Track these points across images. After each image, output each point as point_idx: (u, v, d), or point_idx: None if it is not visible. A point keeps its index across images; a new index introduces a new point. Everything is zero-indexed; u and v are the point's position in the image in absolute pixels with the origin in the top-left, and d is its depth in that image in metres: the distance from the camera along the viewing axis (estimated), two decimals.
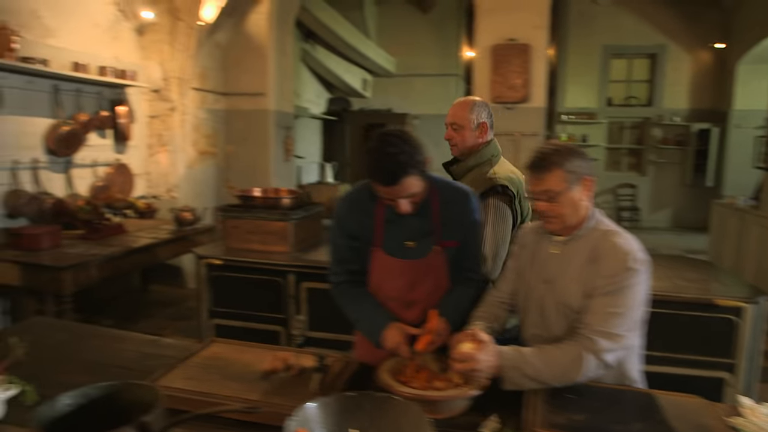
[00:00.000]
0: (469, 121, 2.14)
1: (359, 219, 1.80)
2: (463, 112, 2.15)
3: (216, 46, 5.89)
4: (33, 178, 4.23)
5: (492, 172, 2.09)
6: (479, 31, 5.41)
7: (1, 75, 3.86)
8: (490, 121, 2.19)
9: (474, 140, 2.17)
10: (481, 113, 2.16)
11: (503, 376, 1.45)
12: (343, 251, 1.86)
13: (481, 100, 2.21)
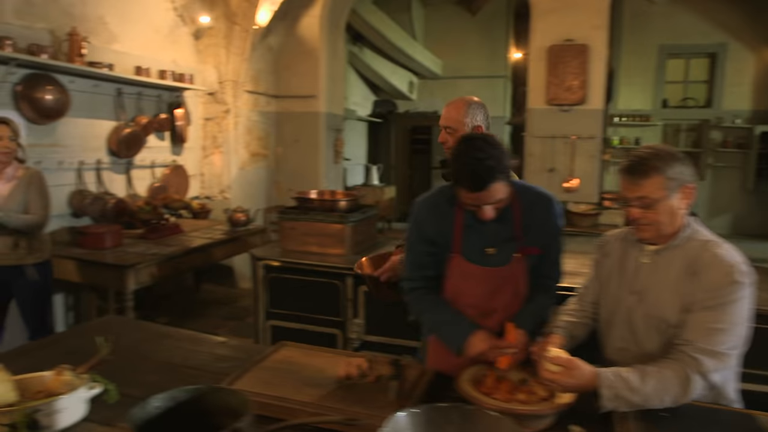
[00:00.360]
0: (463, 124, 2.04)
1: (437, 224, 1.75)
2: (458, 115, 2.05)
3: (268, 49, 5.97)
4: (96, 178, 4.37)
5: None
6: (535, 31, 5.29)
7: (69, 79, 4.00)
8: (486, 123, 2.10)
9: None
10: (476, 115, 2.06)
11: (601, 398, 1.36)
12: (422, 257, 1.81)
13: (477, 101, 2.11)
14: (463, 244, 1.73)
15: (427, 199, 1.82)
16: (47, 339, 2.07)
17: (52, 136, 4.00)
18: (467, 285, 1.72)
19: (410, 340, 3.12)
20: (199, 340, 2.03)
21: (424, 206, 1.80)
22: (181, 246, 4.12)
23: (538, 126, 5.34)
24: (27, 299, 3.20)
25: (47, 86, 3.80)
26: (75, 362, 1.54)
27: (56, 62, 3.69)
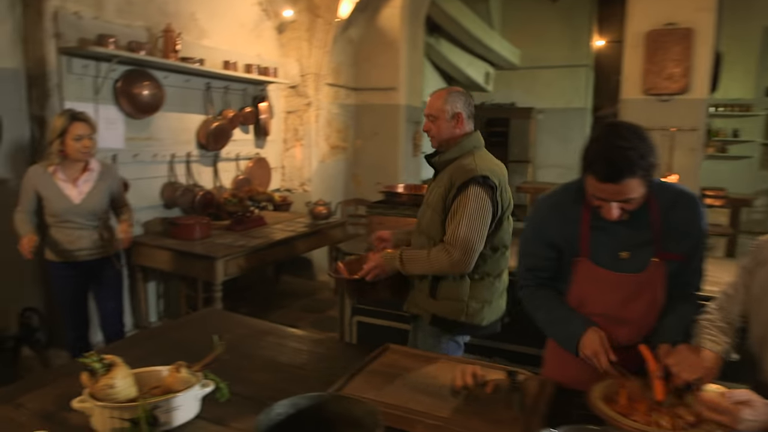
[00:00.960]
0: (443, 111, 2.06)
1: (561, 225, 1.61)
2: (437, 102, 2.08)
3: (349, 41, 5.94)
4: (186, 170, 4.49)
5: (472, 162, 2.01)
6: (632, 15, 4.93)
7: (164, 75, 4.13)
8: (467, 111, 2.10)
9: (450, 131, 2.08)
10: (456, 103, 2.07)
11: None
12: (538, 260, 1.68)
13: (458, 90, 2.14)
14: (591, 247, 1.57)
15: (549, 198, 1.68)
16: (154, 329, 2.10)
17: (148, 130, 4.14)
18: (596, 291, 1.57)
19: (500, 341, 2.99)
20: (301, 339, 1.99)
21: (546, 206, 1.67)
22: (266, 238, 4.17)
23: (632, 117, 4.92)
24: (111, 290, 3.18)
25: (144, 82, 3.93)
26: (182, 355, 1.53)
27: (153, 58, 3.80)
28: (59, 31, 3.43)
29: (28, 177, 2.90)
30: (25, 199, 2.90)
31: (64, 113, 2.85)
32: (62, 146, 2.81)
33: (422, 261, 2.04)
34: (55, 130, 2.81)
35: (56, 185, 2.88)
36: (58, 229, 2.94)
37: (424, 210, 2.16)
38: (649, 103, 4.92)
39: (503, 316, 2.28)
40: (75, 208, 2.91)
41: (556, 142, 9.91)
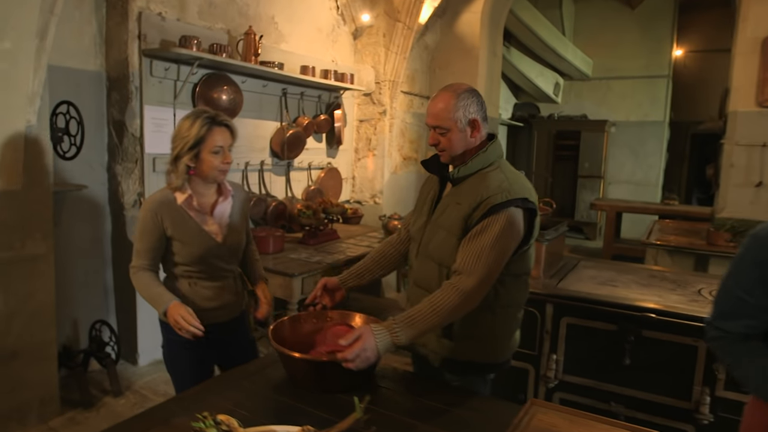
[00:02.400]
0: (455, 121, 1.67)
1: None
2: (446, 111, 1.67)
3: (424, 48, 5.67)
4: (259, 179, 4.30)
5: (503, 178, 1.67)
6: (745, 20, 4.45)
7: (242, 79, 3.94)
8: (482, 113, 1.71)
9: (465, 142, 1.71)
10: (469, 107, 1.68)
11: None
12: (749, 308, 1.31)
13: (466, 89, 1.71)
14: None
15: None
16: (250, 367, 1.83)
17: None
18: None
19: (618, 385, 2.61)
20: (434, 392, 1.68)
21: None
22: (343, 254, 3.90)
23: (743, 132, 4.49)
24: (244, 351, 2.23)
25: (224, 86, 3.76)
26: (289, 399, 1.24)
27: (235, 61, 3.62)
28: (143, 33, 3.29)
29: (152, 212, 1.91)
30: (149, 246, 1.93)
31: (197, 115, 1.92)
32: (194, 162, 1.90)
33: (427, 316, 1.55)
34: (187, 140, 1.87)
35: (192, 220, 1.95)
36: (191, 281, 2.00)
37: (434, 230, 1.75)
38: (764, 117, 4.40)
39: None
40: (217, 248, 1.99)
41: (629, 156, 9.33)
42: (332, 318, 1.94)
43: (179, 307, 1.81)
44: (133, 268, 1.95)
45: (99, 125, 3.38)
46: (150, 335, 3.59)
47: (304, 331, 1.88)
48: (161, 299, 1.86)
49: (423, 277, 1.80)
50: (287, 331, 1.79)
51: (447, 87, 1.75)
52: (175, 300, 1.85)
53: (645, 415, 2.57)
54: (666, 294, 2.78)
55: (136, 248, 1.95)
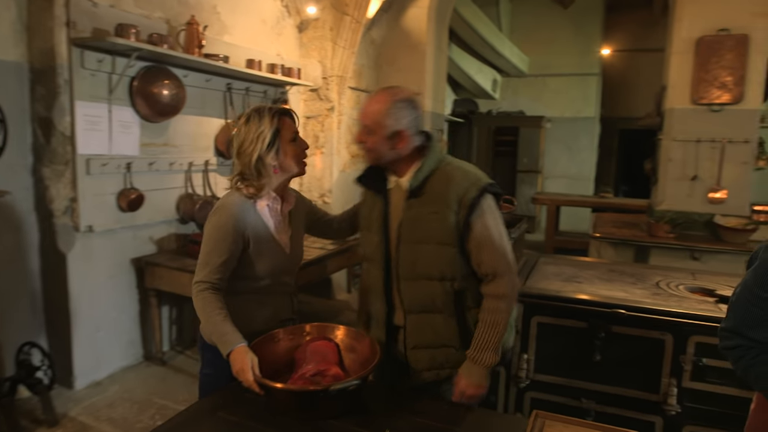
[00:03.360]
0: (382, 126, 1.61)
1: None
2: (378, 114, 1.61)
3: (371, 42, 5.54)
4: (204, 180, 4.03)
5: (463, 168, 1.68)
6: (680, 20, 4.65)
7: (184, 73, 3.66)
8: (414, 127, 1.63)
9: (390, 151, 1.64)
10: (402, 119, 1.60)
11: None
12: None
13: (406, 99, 1.64)
14: None
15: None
16: (224, 393, 1.65)
17: (165, 135, 3.67)
18: None
19: (589, 381, 2.63)
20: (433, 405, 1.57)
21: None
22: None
23: (680, 128, 4.70)
24: None
25: (165, 80, 3.46)
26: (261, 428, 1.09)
27: (177, 53, 3.34)
28: (71, 19, 2.96)
29: (236, 218, 1.66)
30: (225, 258, 1.65)
31: (260, 112, 1.70)
32: (276, 159, 1.69)
33: (491, 335, 1.62)
34: (263, 137, 1.66)
35: (268, 229, 1.73)
36: (249, 298, 1.77)
37: (414, 248, 1.64)
38: (699, 113, 4.63)
39: None
40: (286, 261, 1.79)
41: (564, 151, 9.66)
42: (310, 333, 1.79)
43: (246, 355, 1.53)
44: (200, 284, 1.65)
45: (21, 123, 3.01)
46: (87, 354, 3.27)
47: (280, 350, 1.72)
48: (227, 339, 1.57)
49: (421, 300, 1.68)
50: (263, 353, 1.62)
51: (387, 89, 1.68)
52: (243, 344, 1.56)
53: (615, 410, 2.59)
54: (629, 288, 2.82)
55: (205, 260, 1.66)
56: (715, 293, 2.69)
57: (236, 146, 1.71)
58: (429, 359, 1.70)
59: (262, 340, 1.68)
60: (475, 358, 1.62)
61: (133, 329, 3.59)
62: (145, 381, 3.35)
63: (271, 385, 1.44)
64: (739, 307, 1.35)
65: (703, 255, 4.52)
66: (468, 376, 1.64)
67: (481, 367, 1.63)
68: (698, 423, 2.42)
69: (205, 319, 1.64)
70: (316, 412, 1.46)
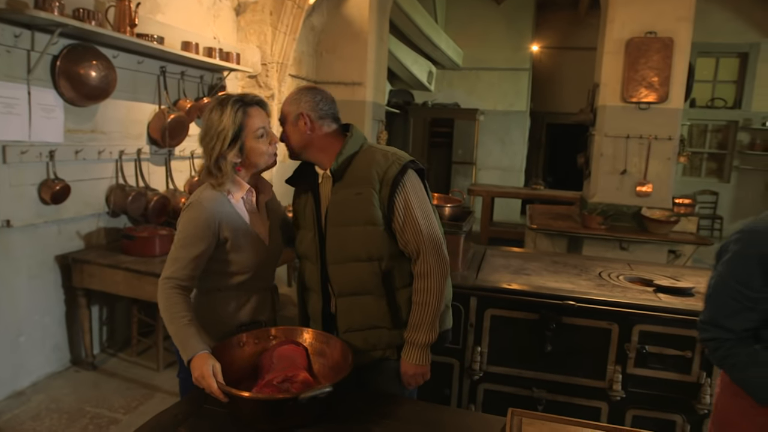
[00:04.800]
0: (287, 113, 1.70)
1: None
2: (287, 103, 1.71)
3: (311, 29, 5.39)
4: (136, 171, 3.75)
5: (383, 150, 1.70)
6: (612, 22, 4.86)
7: (113, 53, 3.37)
8: (317, 111, 1.67)
9: (297, 138, 1.69)
10: (301, 102, 1.68)
11: None
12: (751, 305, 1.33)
13: (311, 87, 1.75)
14: None
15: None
16: (182, 407, 1.53)
17: (92, 120, 3.37)
18: None
19: (540, 371, 2.70)
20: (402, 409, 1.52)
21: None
22: None
23: (611, 124, 4.93)
24: None
25: (92, 61, 3.17)
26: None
27: (108, 32, 3.06)
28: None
29: (210, 213, 1.58)
30: (195, 254, 1.56)
31: (222, 102, 1.61)
32: (240, 156, 1.61)
33: (424, 314, 1.62)
34: (223, 134, 1.57)
35: (244, 221, 1.66)
36: (228, 295, 1.71)
37: (341, 232, 1.64)
38: (628, 111, 4.88)
39: None
40: (266, 254, 1.71)
41: (497, 144, 9.93)
42: (276, 336, 1.69)
43: (207, 361, 1.42)
44: (167, 281, 1.55)
45: None
46: (7, 361, 2.97)
47: (245, 355, 1.62)
48: (189, 344, 1.47)
49: (350, 282, 1.67)
50: (226, 359, 1.51)
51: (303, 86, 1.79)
52: (205, 351, 1.45)
53: (564, 398, 2.68)
54: (575, 280, 2.91)
55: (175, 255, 1.56)
56: (653, 283, 2.84)
57: (200, 138, 1.63)
58: (362, 341, 1.69)
59: (224, 345, 1.57)
60: (411, 340, 1.64)
61: (58, 332, 3.29)
62: (74, 388, 3.08)
63: (236, 393, 1.34)
64: (715, 299, 1.40)
65: (631, 245, 4.79)
66: (408, 358, 1.65)
67: (418, 347, 1.64)
68: (641, 407, 2.55)
69: (168, 320, 1.53)
70: (285, 422, 1.38)
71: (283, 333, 1.69)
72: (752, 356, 1.33)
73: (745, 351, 1.35)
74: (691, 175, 9.37)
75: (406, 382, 1.69)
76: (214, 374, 1.40)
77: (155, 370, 3.40)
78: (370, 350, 1.70)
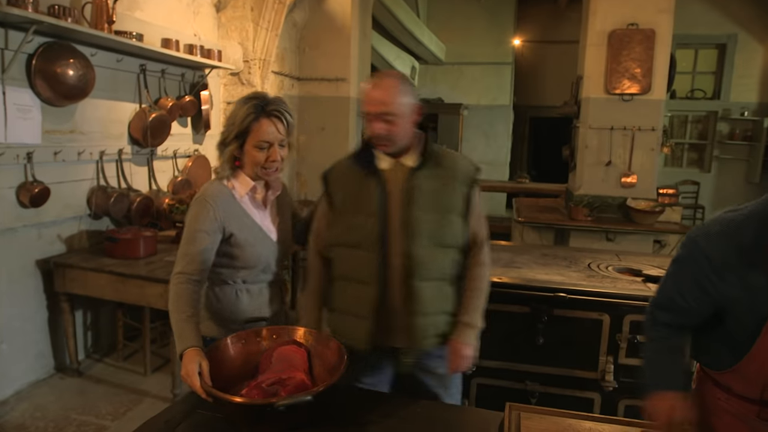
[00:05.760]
0: (404, 106, 1.66)
1: (746, 276, 1.21)
2: (395, 96, 1.64)
3: (293, 25, 5.32)
4: (118, 171, 3.67)
5: (455, 151, 1.93)
6: (594, 14, 4.88)
7: (91, 51, 3.29)
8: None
9: (410, 128, 1.72)
10: (412, 92, 1.72)
11: None
12: (681, 311, 1.36)
13: (403, 75, 1.78)
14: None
15: (722, 238, 1.24)
16: (172, 413, 1.49)
17: (71, 121, 3.29)
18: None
19: (532, 364, 2.70)
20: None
21: (715, 252, 1.24)
22: None
23: (595, 116, 4.95)
24: None
25: (70, 59, 3.09)
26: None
27: (85, 29, 2.99)
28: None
29: (213, 208, 1.62)
30: (202, 248, 1.60)
31: (246, 101, 1.66)
32: (240, 153, 1.67)
33: (481, 297, 1.79)
34: (232, 128, 1.65)
35: (250, 217, 1.71)
36: (238, 288, 1.74)
37: (428, 218, 1.67)
38: (612, 103, 4.90)
39: None
40: (273, 248, 1.75)
41: (481, 138, 9.95)
42: (265, 337, 1.65)
43: (194, 358, 1.42)
44: (178, 276, 1.59)
45: None
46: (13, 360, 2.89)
47: (232, 355, 1.58)
48: (183, 338, 1.48)
49: (434, 268, 1.70)
50: (215, 359, 1.48)
51: (384, 73, 1.72)
52: (196, 348, 1.45)
53: (557, 389, 2.68)
54: (565, 272, 2.92)
55: (183, 251, 1.61)
56: (642, 273, 2.85)
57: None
58: (433, 327, 1.71)
59: (213, 346, 1.53)
60: (468, 321, 1.73)
61: (41, 339, 3.22)
62: (59, 396, 3.01)
63: (216, 394, 1.32)
64: (660, 289, 1.44)
65: (617, 236, 4.83)
66: (464, 338, 1.71)
67: (473, 329, 1.74)
68: (633, 396, 2.55)
69: (171, 313, 1.57)
70: (264, 427, 1.34)
71: (272, 333, 1.65)
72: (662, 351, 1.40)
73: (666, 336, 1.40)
74: (672, 166, 9.47)
75: (457, 365, 1.71)
76: (201, 372, 1.39)
77: (143, 374, 3.33)
78: (439, 336, 1.73)
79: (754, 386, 1.29)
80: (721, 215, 1.31)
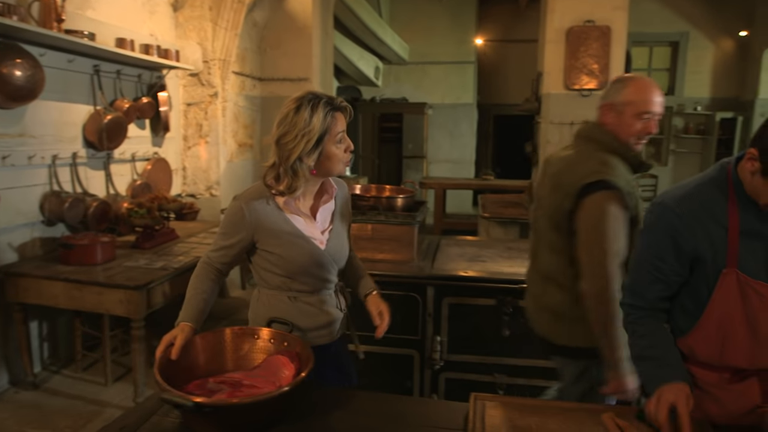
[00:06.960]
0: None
1: (708, 230, 1.31)
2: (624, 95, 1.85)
3: (253, 25, 5.25)
4: (72, 176, 3.55)
5: None
6: (552, 12, 4.97)
7: (40, 51, 3.17)
8: None
9: None
10: None
11: None
12: (664, 278, 1.38)
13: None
14: (742, 257, 1.30)
15: (686, 198, 1.36)
16: (129, 419, 1.44)
17: (20, 123, 3.16)
18: (754, 312, 1.29)
19: (499, 356, 2.72)
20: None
21: (682, 208, 1.34)
22: (188, 255, 3.44)
23: (555, 112, 5.04)
24: (342, 378, 1.82)
25: (16, 59, 2.96)
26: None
27: (33, 28, 2.87)
28: None
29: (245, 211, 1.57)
30: (227, 243, 1.61)
31: (313, 102, 1.52)
32: (319, 160, 1.54)
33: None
34: (310, 136, 1.49)
35: (292, 225, 1.61)
36: (291, 295, 1.67)
37: None
38: (571, 98, 5.00)
39: None
40: (321, 257, 1.64)
41: (446, 137, 10.02)
42: (229, 337, 1.61)
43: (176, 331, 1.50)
44: (205, 256, 1.67)
45: None
46: None
47: (197, 352, 1.54)
48: (183, 309, 1.57)
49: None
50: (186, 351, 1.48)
51: (640, 76, 1.92)
52: (188, 323, 1.53)
53: (524, 380, 2.72)
54: None
55: (215, 239, 1.66)
56: None
57: (277, 134, 1.54)
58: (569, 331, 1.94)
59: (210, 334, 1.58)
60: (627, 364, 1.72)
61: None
62: (14, 411, 2.88)
63: (158, 379, 1.28)
64: (634, 268, 1.47)
65: None
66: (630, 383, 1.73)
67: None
68: None
69: (190, 284, 1.64)
70: (202, 426, 1.30)
71: (236, 334, 1.61)
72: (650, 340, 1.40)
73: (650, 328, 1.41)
74: None
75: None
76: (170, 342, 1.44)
77: (103, 384, 3.23)
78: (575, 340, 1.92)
79: (713, 345, 1.34)
80: (676, 185, 1.43)
